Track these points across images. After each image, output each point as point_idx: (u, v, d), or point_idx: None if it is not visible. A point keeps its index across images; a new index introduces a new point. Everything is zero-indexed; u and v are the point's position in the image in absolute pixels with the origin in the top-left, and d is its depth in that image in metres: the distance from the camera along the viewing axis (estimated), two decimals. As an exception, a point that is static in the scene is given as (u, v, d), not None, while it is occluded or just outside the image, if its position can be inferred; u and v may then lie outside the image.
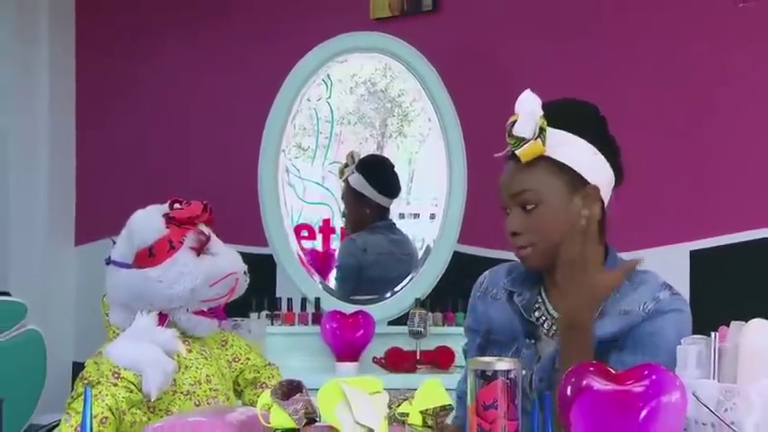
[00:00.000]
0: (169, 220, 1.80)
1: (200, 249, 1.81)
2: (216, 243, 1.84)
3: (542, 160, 1.48)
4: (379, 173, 3.09)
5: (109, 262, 1.83)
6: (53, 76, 3.79)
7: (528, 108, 1.46)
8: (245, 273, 1.86)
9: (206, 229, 1.83)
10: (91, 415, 1.28)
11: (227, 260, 1.84)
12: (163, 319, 1.78)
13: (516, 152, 1.47)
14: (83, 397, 1.29)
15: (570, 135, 1.50)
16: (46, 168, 3.79)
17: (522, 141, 1.46)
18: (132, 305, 1.78)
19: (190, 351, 1.79)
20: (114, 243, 1.85)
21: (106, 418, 1.62)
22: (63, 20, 3.82)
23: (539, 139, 1.46)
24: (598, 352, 1.44)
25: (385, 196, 3.07)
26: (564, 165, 1.49)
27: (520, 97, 1.47)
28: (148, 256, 1.77)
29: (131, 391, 1.66)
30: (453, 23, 2.99)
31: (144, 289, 1.77)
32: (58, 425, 1.68)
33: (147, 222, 1.80)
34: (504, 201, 1.54)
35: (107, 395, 1.64)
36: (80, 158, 3.88)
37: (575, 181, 1.50)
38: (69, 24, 3.86)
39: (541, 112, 1.46)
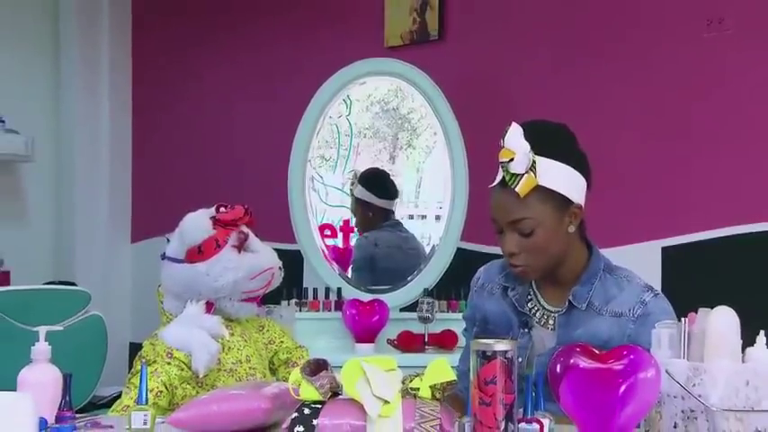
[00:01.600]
0: (215, 221, 1.81)
1: (241, 246, 1.82)
2: (255, 241, 1.85)
3: (534, 189, 1.44)
4: (377, 182, 3.11)
5: (164, 257, 1.85)
6: (112, 93, 3.82)
7: (518, 143, 1.43)
8: (280, 268, 1.87)
9: (246, 230, 1.84)
10: (147, 389, 1.30)
11: (265, 257, 1.85)
12: (209, 307, 1.80)
13: (516, 189, 1.43)
14: (140, 373, 1.31)
15: (553, 162, 1.46)
16: (107, 176, 3.81)
17: (518, 177, 1.43)
18: (183, 295, 1.80)
19: (232, 335, 1.80)
20: (168, 241, 1.86)
21: (161, 391, 1.64)
22: (121, 43, 3.85)
23: (531, 173, 1.43)
24: None
25: (385, 199, 3.10)
26: (552, 190, 1.46)
27: (508, 133, 1.43)
28: (197, 253, 1.79)
29: (182, 369, 1.67)
30: (456, 50, 2.99)
31: (193, 281, 1.78)
32: (117, 397, 1.69)
33: (197, 224, 1.81)
34: (500, 225, 1.50)
35: (161, 372, 1.65)
36: (135, 167, 3.90)
37: (562, 203, 1.48)
38: (126, 47, 3.88)
39: (529, 146, 1.42)
